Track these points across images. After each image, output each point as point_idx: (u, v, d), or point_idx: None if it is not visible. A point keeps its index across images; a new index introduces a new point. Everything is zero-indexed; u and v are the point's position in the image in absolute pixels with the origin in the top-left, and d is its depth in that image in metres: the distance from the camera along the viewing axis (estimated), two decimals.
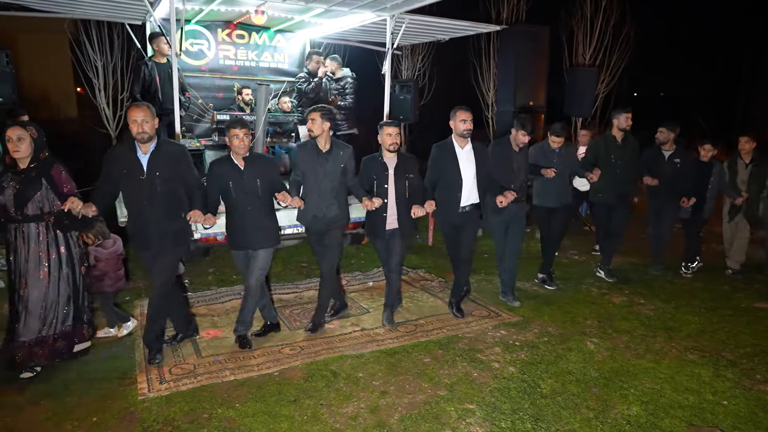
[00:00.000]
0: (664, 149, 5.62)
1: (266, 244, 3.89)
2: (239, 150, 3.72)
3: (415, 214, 4.13)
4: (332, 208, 4.07)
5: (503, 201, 4.36)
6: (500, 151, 4.70)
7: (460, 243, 4.57)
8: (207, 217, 3.58)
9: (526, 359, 3.85)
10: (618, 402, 3.31)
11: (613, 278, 5.59)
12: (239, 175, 3.76)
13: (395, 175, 4.15)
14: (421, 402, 3.26)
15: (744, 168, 5.66)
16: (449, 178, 4.35)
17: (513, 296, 4.96)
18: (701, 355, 3.93)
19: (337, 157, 4.05)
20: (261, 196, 3.81)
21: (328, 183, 4.03)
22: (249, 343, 3.97)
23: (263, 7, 5.92)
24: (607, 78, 9.95)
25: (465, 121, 4.27)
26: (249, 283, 3.92)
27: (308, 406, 3.21)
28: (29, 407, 3.17)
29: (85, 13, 6.40)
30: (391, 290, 4.45)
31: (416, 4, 5.57)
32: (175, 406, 3.18)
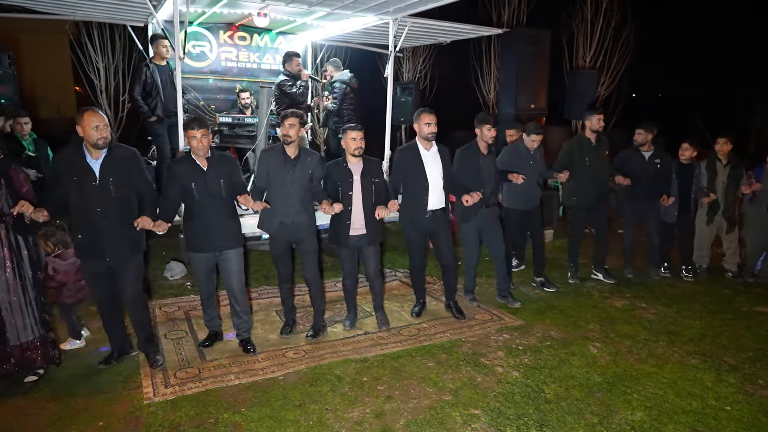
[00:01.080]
0: (643, 150, 5.58)
1: (233, 244, 3.83)
2: (198, 151, 3.62)
3: (379, 215, 4.07)
4: (300, 215, 3.99)
5: (469, 200, 4.30)
6: (467, 156, 4.63)
7: (438, 250, 4.54)
8: (158, 224, 3.50)
9: (530, 364, 3.86)
10: (622, 407, 3.33)
11: (613, 279, 5.60)
12: (202, 176, 3.67)
13: (361, 180, 4.07)
14: (426, 407, 3.27)
15: (722, 169, 5.68)
16: (415, 181, 4.30)
17: (512, 297, 4.99)
18: (703, 360, 3.95)
19: (305, 163, 3.96)
20: (225, 197, 3.74)
21: (296, 190, 3.93)
22: (251, 349, 3.97)
23: (266, 9, 5.92)
24: (607, 80, 9.97)
25: (429, 124, 4.21)
26: (233, 287, 3.90)
27: (314, 410, 3.22)
28: (34, 411, 3.18)
29: (87, 14, 6.41)
30: (376, 295, 4.48)
31: (419, 8, 5.59)
32: (181, 411, 3.19)
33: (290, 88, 6.28)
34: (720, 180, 5.68)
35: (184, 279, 5.54)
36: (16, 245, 3.38)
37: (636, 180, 5.44)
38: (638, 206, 5.67)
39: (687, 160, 5.70)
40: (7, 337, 3.37)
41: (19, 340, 3.41)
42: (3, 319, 3.35)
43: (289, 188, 3.92)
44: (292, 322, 4.36)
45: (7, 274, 3.34)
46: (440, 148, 4.39)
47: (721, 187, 5.68)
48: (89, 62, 8.68)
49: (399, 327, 4.50)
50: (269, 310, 4.83)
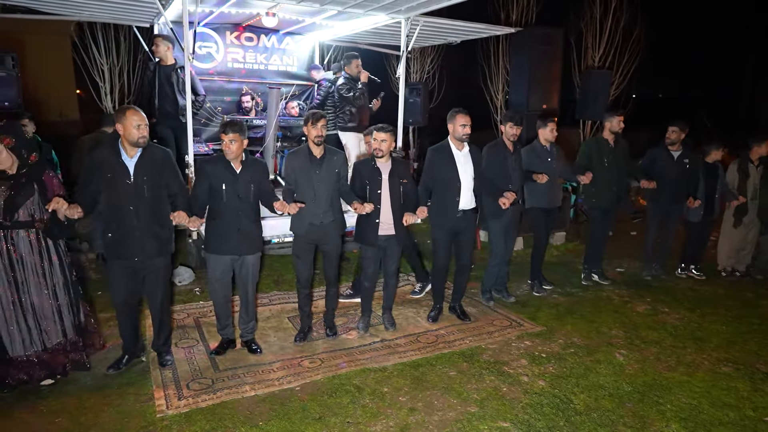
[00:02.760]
0: (672, 150, 5.49)
1: (253, 250, 3.81)
2: (228, 155, 3.60)
3: (407, 221, 4.02)
4: (328, 215, 3.96)
5: (506, 203, 4.30)
6: (495, 153, 4.65)
7: (459, 249, 4.50)
8: (192, 220, 3.49)
9: (555, 372, 3.72)
10: (655, 419, 3.19)
11: (608, 280, 5.57)
12: (234, 179, 3.65)
13: (389, 180, 4.06)
14: (452, 420, 3.13)
15: (755, 170, 5.58)
16: (447, 181, 4.28)
17: (506, 292, 5.08)
18: (735, 368, 3.81)
19: (331, 162, 3.94)
20: (252, 202, 3.74)
21: (323, 189, 3.91)
22: (257, 349, 3.96)
23: (275, 8, 5.80)
24: (617, 80, 9.83)
25: (465, 125, 4.20)
26: (248, 291, 3.89)
27: (335, 424, 3.08)
28: (42, 427, 3.04)
29: (93, 15, 6.28)
30: (389, 294, 4.43)
31: (432, 6, 5.47)
32: (196, 425, 3.05)
33: (348, 92, 6.00)
34: (752, 182, 5.57)
35: (192, 285, 5.41)
36: (47, 251, 3.37)
37: (663, 180, 5.34)
38: (662, 206, 5.56)
39: (712, 160, 5.60)
40: (32, 343, 3.37)
41: (45, 345, 3.41)
42: (28, 324, 3.34)
43: (316, 188, 3.89)
44: (307, 329, 4.24)
45: (38, 279, 3.34)
46: (472, 148, 4.36)
47: (752, 189, 5.57)
48: (94, 64, 8.56)
49: (416, 333, 4.37)
50: (281, 316, 4.69)
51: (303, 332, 4.22)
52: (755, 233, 5.72)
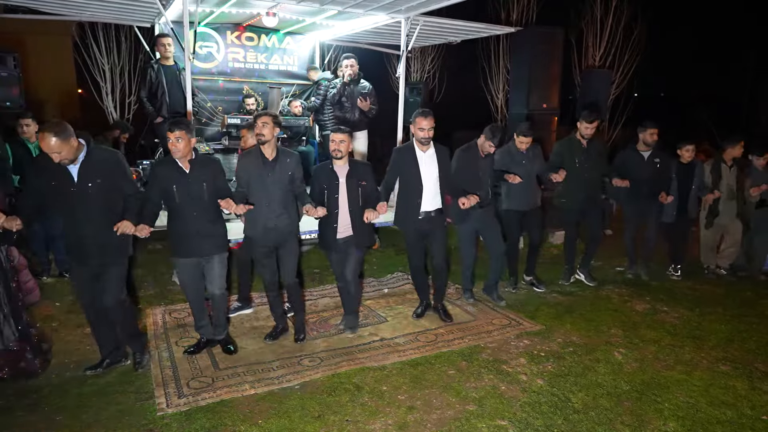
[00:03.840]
0: (642, 150, 5.44)
1: (216, 250, 3.72)
2: (174, 154, 3.49)
3: (368, 218, 3.94)
4: (283, 218, 3.86)
5: (465, 203, 4.21)
6: (466, 157, 4.58)
7: (431, 251, 4.42)
8: (139, 228, 3.35)
9: (554, 371, 3.74)
10: (653, 417, 3.20)
11: (594, 281, 5.50)
12: (184, 179, 3.55)
13: (347, 183, 3.98)
14: (451, 418, 3.15)
15: (728, 171, 5.56)
16: (410, 182, 4.21)
17: (497, 295, 4.98)
18: (733, 366, 3.82)
19: (284, 164, 3.84)
20: (207, 201, 3.61)
21: (276, 192, 3.82)
22: (232, 349, 3.93)
23: (276, 8, 5.82)
24: (617, 79, 9.85)
25: (423, 129, 4.10)
26: (215, 292, 3.81)
27: (334, 422, 3.10)
28: (44, 425, 3.05)
29: (94, 15, 6.31)
30: (351, 299, 4.28)
31: (432, 6, 5.48)
32: (196, 423, 3.07)
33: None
34: (725, 183, 5.54)
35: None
36: None
37: (636, 180, 5.25)
38: (638, 207, 5.52)
39: (687, 160, 5.55)
40: None
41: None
42: None
43: (269, 191, 3.80)
44: (280, 329, 4.22)
45: None
46: (438, 149, 4.26)
47: (726, 189, 5.54)
48: (95, 64, 8.59)
49: (415, 333, 4.38)
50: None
51: (276, 331, 4.21)
52: (736, 232, 5.68)
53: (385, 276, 5.82)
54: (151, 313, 4.67)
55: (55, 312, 4.64)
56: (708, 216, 5.63)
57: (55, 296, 4.95)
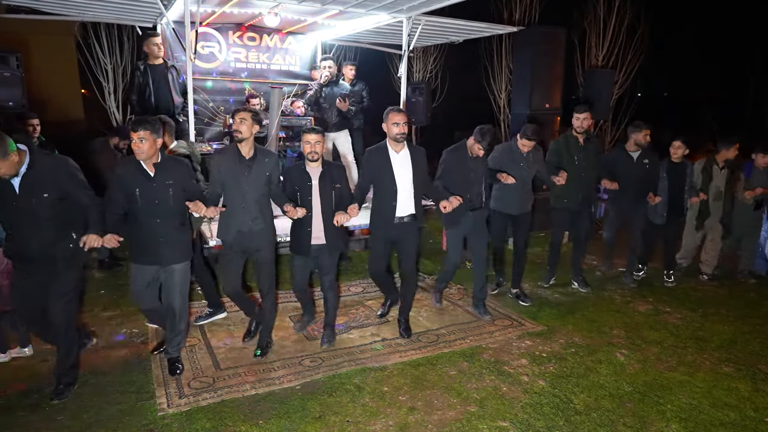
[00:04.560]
0: (631, 151, 5.29)
1: (179, 258, 3.49)
2: (138, 155, 3.27)
3: (338, 221, 3.77)
4: (258, 222, 3.67)
5: (447, 206, 4.02)
6: (455, 157, 4.37)
7: (400, 257, 4.22)
8: (107, 239, 3.17)
9: (556, 372, 3.72)
10: (655, 419, 3.18)
11: (588, 287, 5.35)
12: (148, 182, 3.33)
13: (320, 185, 3.81)
14: (452, 419, 3.14)
15: (719, 173, 5.48)
16: (384, 185, 3.99)
17: (484, 309, 4.68)
18: (737, 368, 3.80)
19: (261, 164, 3.64)
20: (173, 207, 3.40)
21: (252, 194, 3.61)
22: (181, 365, 3.67)
23: (277, 8, 5.81)
24: (620, 79, 9.80)
25: (398, 124, 3.87)
26: (174, 305, 3.54)
27: (334, 423, 3.09)
28: (44, 425, 3.06)
29: (96, 15, 6.31)
30: (329, 309, 4.10)
31: (434, 5, 5.47)
32: (197, 423, 3.07)
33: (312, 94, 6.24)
34: (714, 185, 5.47)
35: (193, 283, 5.42)
36: None
37: (624, 182, 5.12)
38: (624, 208, 5.38)
39: (678, 159, 5.41)
40: None
41: None
42: None
43: (245, 191, 3.61)
44: (256, 324, 4.13)
45: None
46: (413, 149, 4.07)
47: (714, 191, 5.46)
48: (97, 64, 8.60)
49: (417, 333, 4.37)
50: (283, 315, 4.69)
51: (249, 331, 4.16)
52: (717, 237, 5.61)
53: None
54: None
55: None
56: (698, 218, 5.54)
57: None
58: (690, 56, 19.99)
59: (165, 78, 5.74)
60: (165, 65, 5.76)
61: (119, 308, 4.73)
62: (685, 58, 19.92)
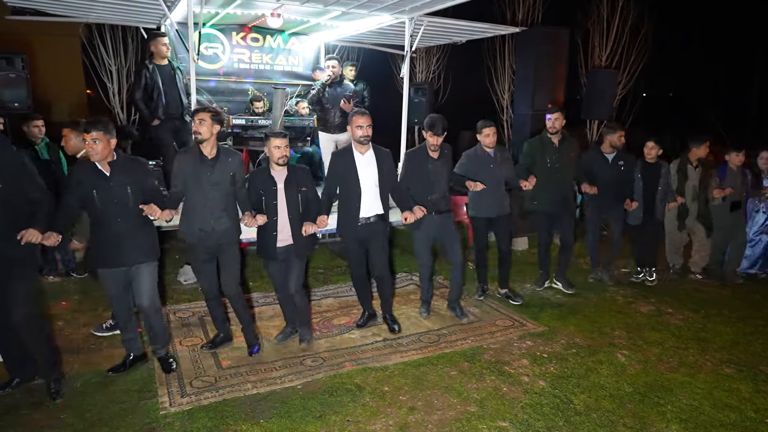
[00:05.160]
0: (606, 153, 5.25)
1: (144, 258, 3.47)
2: (92, 156, 3.25)
3: (306, 231, 3.77)
4: (221, 221, 3.64)
5: (409, 218, 4.02)
6: (415, 159, 4.34)
7: (371, 259, 4.21)
8: (47, 236, 3.11)
9: (556, 372, 3.73)
10: (656, 419, 3.18)
11: (572, 288, 5.26)
12: (105, 183, 3.30)
13: (285, 189, 3.79)
14: (452, 419, 3.15)
15: (693, 172, 5.46)
16: (348, 187, 4.01)
17: (460, 310, 4.64)
18: (738, 369, 3.79)
19: (224, 164, 3.62)
20: (132, 206, 3.35)
21: (215, 194, 3.59)
22: (171, 365, 3.67)
23: (280, 9, 5.84)
24: (624, 79, 9.79)
25: (361, 127, 3.91)
26: (143, 305, 3.52)
27: (335, 422, 3.11)
28: (48, 423, 3.09)
29: (100, 16, 6.36)
30: (299, 311, 4.09)
31: (436, 6, 5.48)
32: (198, 422, 3.09)
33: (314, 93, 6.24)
34: (691, 184, 5.45)
35: (196, 283, 5.45)
36: None
37: (600, 184, 5.05)
38: (602, 211, 5.36)
39: (653, 159, 5.34)
40: None
41: None
42: None
43: (207, 192, 3.58)
44: (221, 338, 4.06)
45: None
46: (378, 151, 4.07)
47: (691, 191, 5.44)
48: (102, 65, 8.66)
49: (418, 333, 4.38)
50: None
51: (214, 342, 4.04)
52: (701, 234, 5.58)
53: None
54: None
55: (61, 311, 4.69)
56: (678, 218, 5.52)
57: (61, 296, 5.00)
58: (695, 56, 19.93)
59: (173, 78, 5.79)
60: (171, 66, 5.80)
61: None
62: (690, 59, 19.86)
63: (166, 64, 5.79)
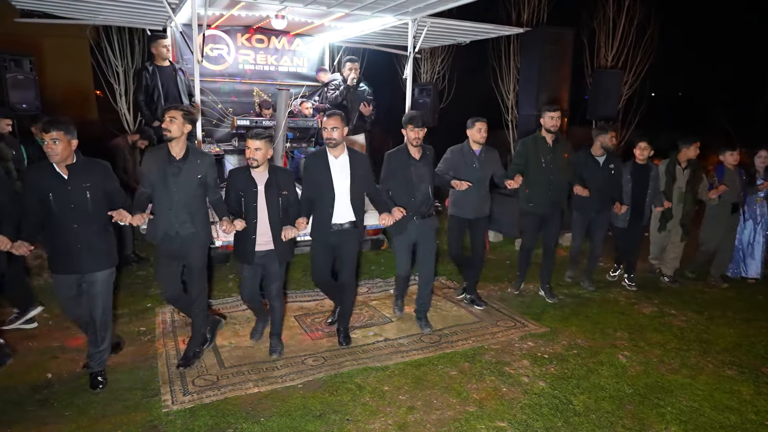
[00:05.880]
0: (597, 155, 5.15)
1: (101, 266, 3.34)
2: (51, 158, 3.13)
3: (286, 236, 3.66)
4: (186, 226, 3.49)
5: (387, 220, 3.89)
6: (396, 160, 4.20)
7: (339, 264, 4.12)
8: (17, 246, 3.08)
9: (556, 373, 3.73)
10: (655, 421, 3.18)
11: (555, 298, 5.11)
12: (63, 186, 3.18)
13: (266, 191, 3.66)
14: (450, 419, 3.17)
15: (681, 173, 5.38)
16: (321, 191, 3.87)
17: (425, 322, 4.46)
18: (740, 371, 3.78)
19: (193, 165, 3.46)
20: (91, 211, 3.24)
21: (181, 196, 3.44)
22: (100, 383, 3.46)
23: (283, 11, 5.87)
24: (630, 79, 9.74)
25: (325, 129, 3.81)
26: (95, 316, 3.39)
27: (334, 421, 3.14)
28: (52, 420, 3.14)
29: (107, 19, 6.43)
30: (275, 319, 3.99)
31: (439, 8, 5.49)
32: (200, 420, 3.13)
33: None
34: (677, 186, 5.38)
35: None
36: None
37: (590, 187, 4.95)
38: (589, 214, 5.26)
39: (644, 160, 5.25)
40: None
41: None
42: None
43: (173, 193, 3.44)
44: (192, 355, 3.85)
45: None
46: (354, 154, 3.97)
47: (677, 193, 5.37)
48: (109, 66, 8.75)
49: (419, 333, 4.40)
50: (287, 315, 4.75)
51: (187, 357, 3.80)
52: (677, 238, 5.53)
53: (392, 276, 5.83)
54: (159, 312, 4.74)
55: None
56: (661, 219, 5.46)
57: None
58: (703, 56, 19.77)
59: (173, 80, 5.84)
60: (173, 67, 5.85)
61: (128, 306, 4.82)
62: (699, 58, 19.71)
63: (168, 66, 5.86)
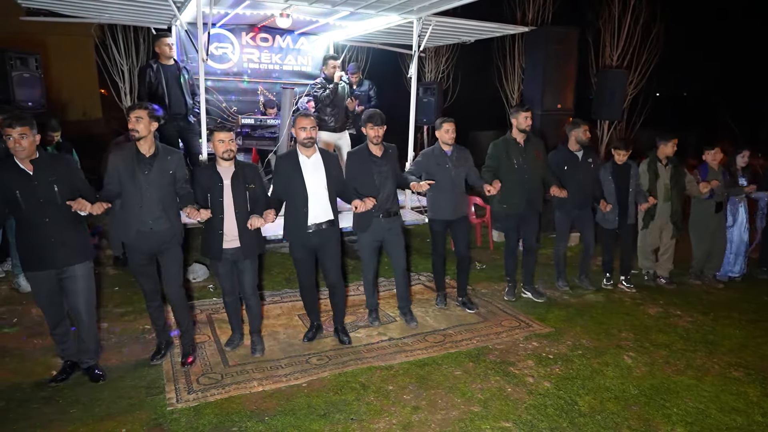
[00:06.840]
0: (575, 150, 5.06)
1: (77, 258, 3.33)
2: (17, 154, 3.12)
3: (252, 225, 3.61)
4: (161, 221, 3.51)
5: (359, 206, 3.84)
6: (357, 160, 4.17)
7: (324, 267, 4.08)
8: None
9: (561, 374, 3.72)
10: (661, 422, 3.17)
11: (542, 297, 5.06)
12: (29, 181, 3.16)
13: (232, 186, 3.63)
14: (455, 419, 3.16)
15: (664, 170, 5.31)
16: (294, 190, 3.84)
17: (410, 316, 4.51)
18: (746, 373, 3.76)
19: (164, 162, 3.48)
20: (61, 204, 3.20)
21: (153, 193, 3.45)
22: (101, 375, 3.54)
23: (288, 10, 5.87)
24: (635, 79, 9.71)
25: (305, 128, 3.76)
26: (79, 310, 3.40)
27: (339, 420, 3.13)
28: (57, 417, 3.15)
29: (112, 17, 6.44)
30: (253, 317, 3.97)
31: (444, 6, 5.48)
32: (204, 419, 3.13)
33: (317, 91, 6.26)
34: (662, 182, 5.31)
35: (206, 281, 5.51)
36: None
37: (571, 184, 4.87)
38: (571, 212, 5.15)
39: (622, 160, 5.18)
40: None
41: None
42: None
43: (144, 191, 3.44)
44: (164, 344, 3.90)
45: None
46: (325, 154, 3.96)
47: (663, 189, 5.30)
48: (114, 64, 8.77)
49: (424, 333, 4.39)
50: (291, 314, 4.76)
51: (158, 349, 3.86)
52: (668, 237, 5.45)
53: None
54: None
55: None
56: (645, 217, 5.38)
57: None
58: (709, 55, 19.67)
59: (177, 78, 5.84)
60: (177, 66, 5.85)
61: (132, 305, 4.83)
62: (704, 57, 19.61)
63: (172, 64, 5.85)
